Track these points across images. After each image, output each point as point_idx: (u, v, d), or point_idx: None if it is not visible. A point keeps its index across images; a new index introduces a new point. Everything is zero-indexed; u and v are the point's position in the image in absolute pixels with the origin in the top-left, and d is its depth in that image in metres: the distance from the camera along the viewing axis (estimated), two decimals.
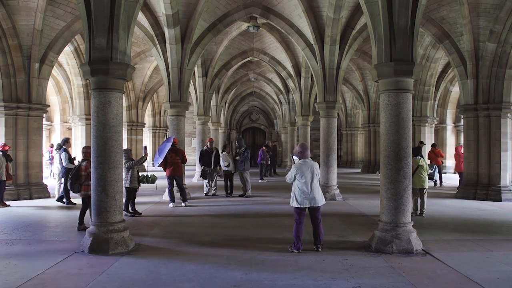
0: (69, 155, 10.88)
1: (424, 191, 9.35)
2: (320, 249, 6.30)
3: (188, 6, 11.34)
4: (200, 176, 13.16)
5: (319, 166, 6.97)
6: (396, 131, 6.29)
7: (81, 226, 7.73)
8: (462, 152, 14.87)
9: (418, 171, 9.15)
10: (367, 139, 23.27)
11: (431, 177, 11.10)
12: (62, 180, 10.89)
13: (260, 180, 17.81)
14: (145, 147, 10.30)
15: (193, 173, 18.14)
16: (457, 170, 14.88)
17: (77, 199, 11.03)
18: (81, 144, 16.41)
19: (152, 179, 9.85)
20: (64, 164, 10.81)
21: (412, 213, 8.77)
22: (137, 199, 9.71)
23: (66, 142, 11.13)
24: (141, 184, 9.82)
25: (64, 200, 10.59)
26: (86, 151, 7.97)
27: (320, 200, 6.34)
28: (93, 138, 6.32)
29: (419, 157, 9.30)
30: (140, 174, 9.96)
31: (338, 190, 12.11)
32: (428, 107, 17.76)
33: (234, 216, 9.40)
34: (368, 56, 17.97)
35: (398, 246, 6.13)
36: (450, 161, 22.16)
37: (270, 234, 7.48)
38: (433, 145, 16.17)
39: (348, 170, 24.10)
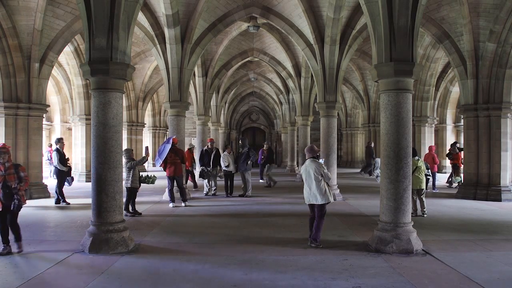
0: (61, 155, 10.84)
1: (422, 192, 9.31)
2: (312, 245, 6.50)
3: (188, 6, 11.34)
4: (199, 177, 13.15)
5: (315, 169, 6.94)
6: (396, 131, 6.29)
7: (6, 249, 5.98)
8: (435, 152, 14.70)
9: (416, 172, 9.13)
10: (367, 139, 23.26)
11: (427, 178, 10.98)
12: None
13: (260, 180, 17.81)
14: (147, 147, 10.32)
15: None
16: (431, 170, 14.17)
17: (72, 199, 11.08)
18: (81, 144, 16.43)
19: (152, 180, 9.84)
20: (54, 164, 10.83)
21: (412, 214, 8.78)
22: (137, 199, 9.72)
23: (58, 142, 11.13)
24: (141, 184, 9.81)
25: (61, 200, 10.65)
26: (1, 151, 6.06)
27: (319, 199, 6.55)
28: (93, 138, 6.33)
29: (418, 158, 9.29)
30: (140, 174, 9.96)
31: (338, 190, 12.11)
32: (428, 107, 17.75)
33: (234, 216, 9.39)
34: (368, 56, 17.97)
35: (398, 246, 6.13)
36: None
37: (270, 234, 7.48)
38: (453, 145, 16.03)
39: (348, 170, 24.08)
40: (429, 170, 11.04)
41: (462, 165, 14.81)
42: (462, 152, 15.11)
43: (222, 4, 12.12)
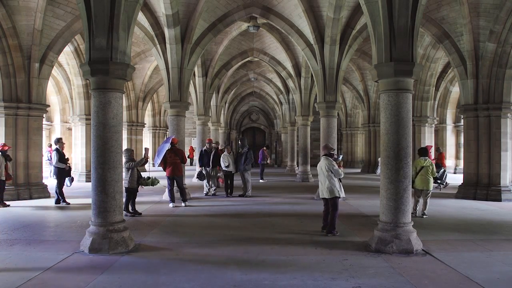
0: (60, 155, 10.84)
1: (428, 193, 9.17)
2: (328, 235, 7.17)
3: (188, 6, 11.34)
4: (197, 177, 13.10)
5: (326, 166, 7.39)
6: (396, 131, 6.29)
7: None
8: (432, 152, 14.71)
9: (421, 172, 9.06)
10: (367, 139, 23.26)
11: (439, 179, 10.95)
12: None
13: (260, 180, 17.81)
14: (146, 149, 10.24)
15: (193, 173, 18.11)
16: None
17: (72, 199, 11.09)
18: (81, 144, 16.42)
19: (152, 182, 9.71)
20: (54, 163, 10.85)
21: (412, 214, 8.73)
22: (137, 199, 9.71)
23: (58, 142, 11.14)
24: (141, 186, 9.72)
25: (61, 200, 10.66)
26: None
27: (329, 193, 7.24)
28: (93, 138, 6.32)
29: (425, 158, 9.16)
30: (143, 174, 9.92)
31: None
32: (428, 107, 17.74)
33: (234, 216, 9.39)
34: (368, 56, 17.97)
35: (398, 246, 6.13)
36: (450, 161, 22.21)
37: (270, 234, 7.47)
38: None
39: (348, 170, 24.06)
40: (440, 172, 11.01)
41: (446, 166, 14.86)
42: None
43: (222, 4, 12.12)
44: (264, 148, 20.28)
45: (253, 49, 18.36)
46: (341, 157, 7.90)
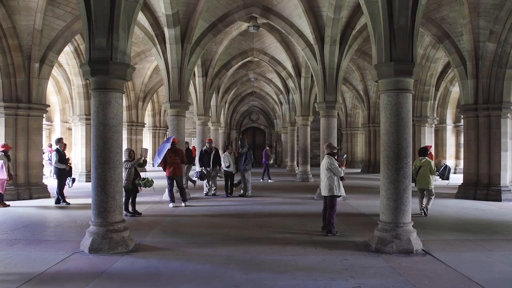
0: (61, 155, 10.84)
1: (430, 191, 9.21)
2: (328, 235, 7.21)
3: (188, 6, 11.34)
4: (199, 178, 13.09)
5: (326, 163, 7.48)
6: (396, 131, 6.29)
7: None
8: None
9: (420, 171, 9.13)
10: (367, 139, 23.26)
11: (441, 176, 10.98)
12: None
13: (269, 180, 17.78)
14: (144, 149, 10.18)
15: (193, 173, 18.11)
16: None
17: (72, 199, 11.09)
18: (81, 144, 16.42)
19: (145, 184, 9.56)
20: (53, 163, 10.84)
21: (419, 213, 8.79)
22: (137, 199, 9.70)
23: (58, 142, 11.14)
24: (137, 187, 9.63)
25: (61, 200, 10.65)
26: None
27: (325, 191, 7.39)
28: (93, 138, 6.32)
29: (423, 157, 9.24)
30: (142, 174, 9.89)
31: None
32: (428, 107, 17.74)
33: (234, 216, 9.39)
34: (368, 56, 17.96)
35: (398, 246, 6.13)
36: (450, 161, 22.19)
37: (270, 234, 7.48)
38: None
39: (348, 170, 24.03)
40: (443, 170, 11.05)
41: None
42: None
43: (222, 4, 12.12)
44: (267, 147, 20.20)
45: (253, 49, 18.35)
46: (345, 156, 8.17)
